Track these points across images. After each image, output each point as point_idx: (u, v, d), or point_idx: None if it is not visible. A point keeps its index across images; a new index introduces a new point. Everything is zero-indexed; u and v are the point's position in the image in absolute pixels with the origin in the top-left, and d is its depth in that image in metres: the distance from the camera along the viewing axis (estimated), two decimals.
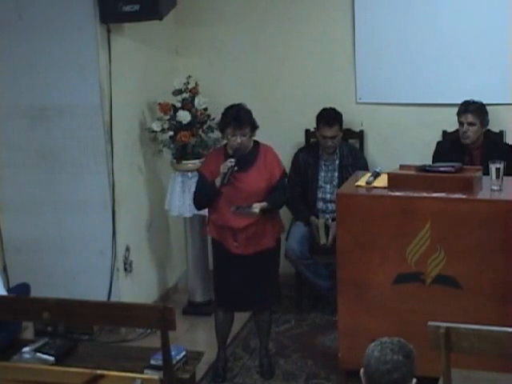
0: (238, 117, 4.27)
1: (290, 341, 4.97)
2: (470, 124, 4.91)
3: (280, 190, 4.41)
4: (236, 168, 4.25)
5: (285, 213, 5.37)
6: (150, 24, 4.84)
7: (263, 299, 4.48)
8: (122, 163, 5.00)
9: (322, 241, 5.11)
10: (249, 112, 4.34)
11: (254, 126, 4.34)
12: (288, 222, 5.38)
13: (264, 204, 4.30)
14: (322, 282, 5.23)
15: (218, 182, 4.28)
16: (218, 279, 4.56)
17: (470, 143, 4.94)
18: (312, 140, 5.52)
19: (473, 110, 4.91)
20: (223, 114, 4.39)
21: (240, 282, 4.39)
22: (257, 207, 4.27)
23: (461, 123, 4.94)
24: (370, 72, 5.44)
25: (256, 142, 4.42)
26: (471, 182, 4.06)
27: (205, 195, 4.41)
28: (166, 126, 5.16)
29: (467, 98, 4.99)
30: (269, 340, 4.68)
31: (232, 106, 4.38)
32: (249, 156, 4.35)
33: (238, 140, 4.28)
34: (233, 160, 4.25)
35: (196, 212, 4.98)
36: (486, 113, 4.96)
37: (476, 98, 5.00)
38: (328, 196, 5.28)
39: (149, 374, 3.43)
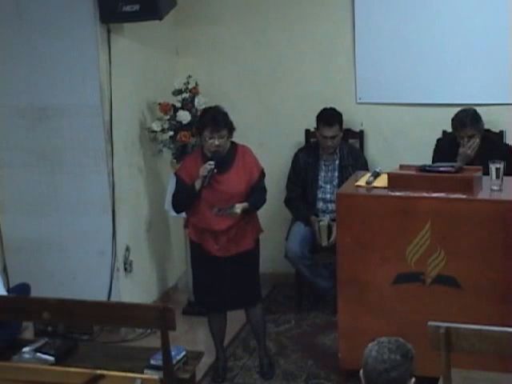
0: (216, 119, 4.26)
1: (290, 341, 4.97)
2: (471, 137, 4.85)
3: (260, 190, 4.41)
4: (216, 170, 4.25)
5: (285, 213, 5.38)
6: (150, 24, 4.84)
7: (248, 296, 4.47)
8: (121, 163, 4.99)
9: (324, 243, 5.10)
10: (226, 114, 4.34)
11: (231, 128, 4.33)
12: (288, 222, 5.38)
13: (245, 204, 4.29)
14: (322, 282, 5.23)
15: (198, 184, 4.27)
16: (199, 283, 4.54)
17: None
18: (312, 140, 5.51)
19: (470, 123, 4.83)
20: (200, 117, 4.42)
21: (223, 283, 4.39)
22: (239, 207, 4.26)
23: (461, 137, 4.87)
24: (370, 72, 5.44)
25: (233, 143, 4.41)
26: (471, 182, 4.06)
27: (184, 198, 4.39)
28: (166, 126, 5.16)
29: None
30: (266, 338, 4.67)
31: (209, 109, 4.41)
32: (227, 158, 4.33)
33: (216, 142, 4.27)
34: (212, 162, 4.24)
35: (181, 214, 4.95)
36: (480, 119, 4.90)
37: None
38: (328, 196, 5.28)
39: (149, 374, 3.43)
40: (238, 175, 4.33)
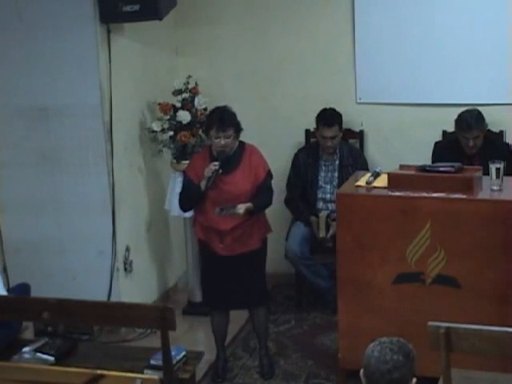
0: (222, 119, 4.27)
1: (289, 341, 4.97)
2: (476, 137, 4.85)
3: (265, 190, 4.40)
4: (221, 171, 4.25)
5: (285, 213, 5.38)
6: (150, 24, 4.84)
7: (254, 296, 4.48)
8: (121, 163, 5.00)
9: (321, 234, 5.09)
10: (233, 114, 4.34)
11: (238, 128, 4.33)
12: (288, 222, 5.38)
13: (249, 205, 4.28)
14: (322, 282, 5.23)
15: (203, 185, 4.28)
16: (206, 281, 4.57)
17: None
18: (312, 140, 5.51)
19: (476, 124, 4.82)
20: (207, 117, 4.43)
21: (228, 281, 4.40)
22: (241, 208, 4.25)
23: (466, 138, 4.86)
24: (370, 72, 5.44)
25: (241, 143, 4.41)
26: (471, 181, 4.06)
27: (190, 198, 4.41)
28: (166, 125, 5.16)
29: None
30: (267, 339, 4.68)
31: (216, 109, 4.40)
32: (233, 157, 4.33)
33: (222, 142, 4.27)
34: (217, 163, 4.25)
35: (182, 214, 4.95)
36: (484, 119, 4.90)
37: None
38: (328, 196, 5.28)
39: (149, 374, 3.43)
40: (244, 175, 4.33)
